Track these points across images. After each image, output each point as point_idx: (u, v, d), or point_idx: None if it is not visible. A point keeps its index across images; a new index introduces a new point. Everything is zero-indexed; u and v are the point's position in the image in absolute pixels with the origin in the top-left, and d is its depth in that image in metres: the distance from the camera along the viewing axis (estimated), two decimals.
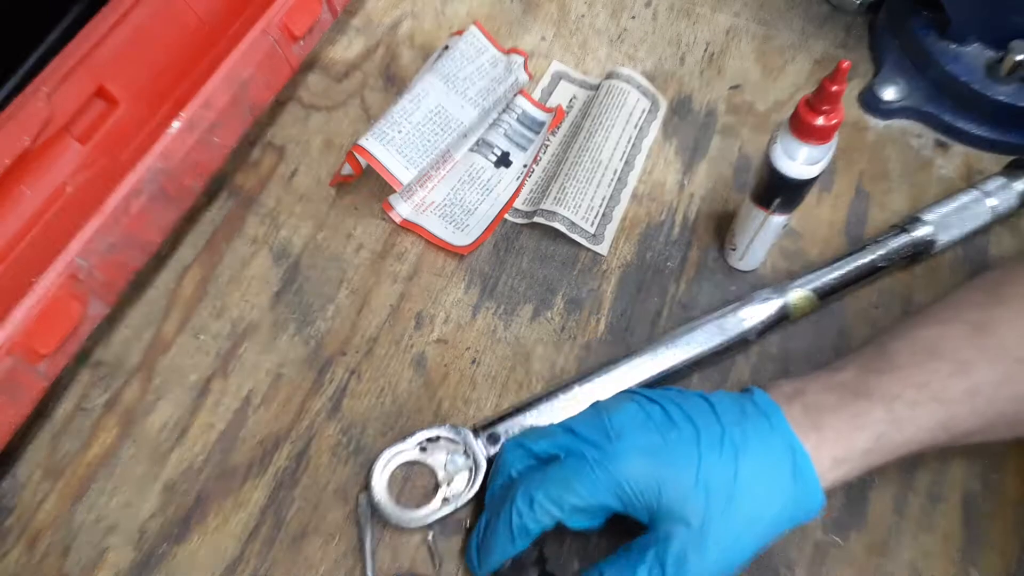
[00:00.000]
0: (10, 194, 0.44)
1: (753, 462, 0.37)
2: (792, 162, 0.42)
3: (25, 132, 0.43)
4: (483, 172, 0.56)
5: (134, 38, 0.47)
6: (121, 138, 0.49)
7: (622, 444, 0.38)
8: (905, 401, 0.38)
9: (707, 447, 0.37)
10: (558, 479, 0.39)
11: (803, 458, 0.37)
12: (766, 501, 0.37)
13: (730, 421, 0.38)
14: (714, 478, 0.37)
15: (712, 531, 0.36)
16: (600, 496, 0.38)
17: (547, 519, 0.39)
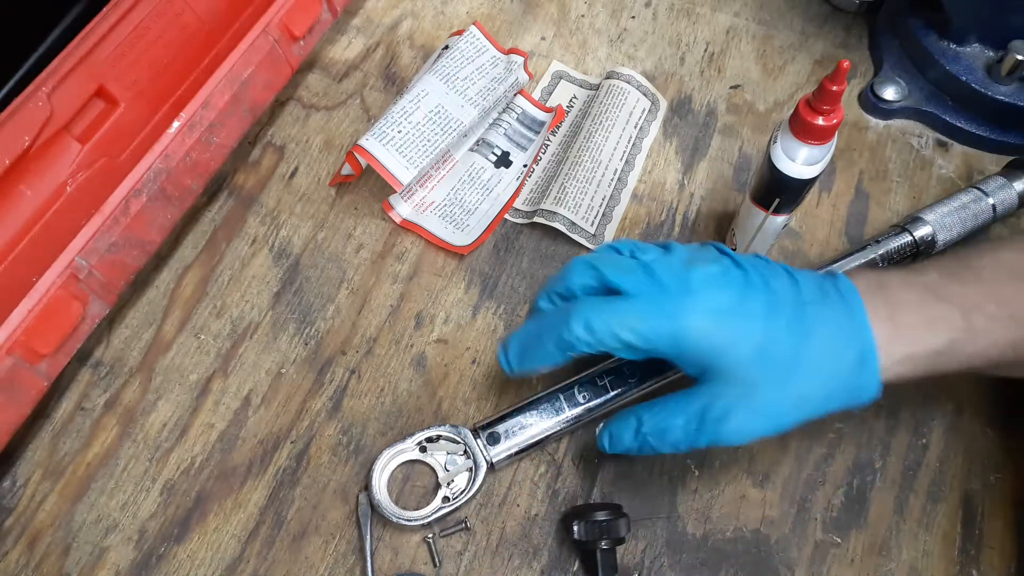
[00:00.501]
0: (10, 194, 0.44)
1: (819, 345, 0.37)
2: (792, 162, 0.42)
3: (25, 132, 0.43)
4: (483, 172, 0.56)
5: (134, 38, 0.47)
6: (121, 138, 0.49)
7: (695, 298, 0.37)
8: (985, 314, 0.38)
9: (777, 322, 0.37)
10: (621, 312, 0.38)
11: (871, 350, 0.37)
12: (822, 384, 0.37)
13: (808, 299, 0.38)
14: (775, 354, 0.37)
15: (760, 401, 0.37)
16: (658, 342, 0.37)
17: (598, 346, 0.38)
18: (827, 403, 0.37)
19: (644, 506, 0.46)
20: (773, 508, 0.46)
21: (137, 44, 0.48)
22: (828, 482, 0.46)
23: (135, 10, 0.47)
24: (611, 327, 0.38)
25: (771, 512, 0.46)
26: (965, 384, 0.49)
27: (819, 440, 0.47)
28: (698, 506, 0.46)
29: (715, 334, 0.37)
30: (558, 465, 0.47)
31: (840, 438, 0.48)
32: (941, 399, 0.48)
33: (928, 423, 0.48)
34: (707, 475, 0.47)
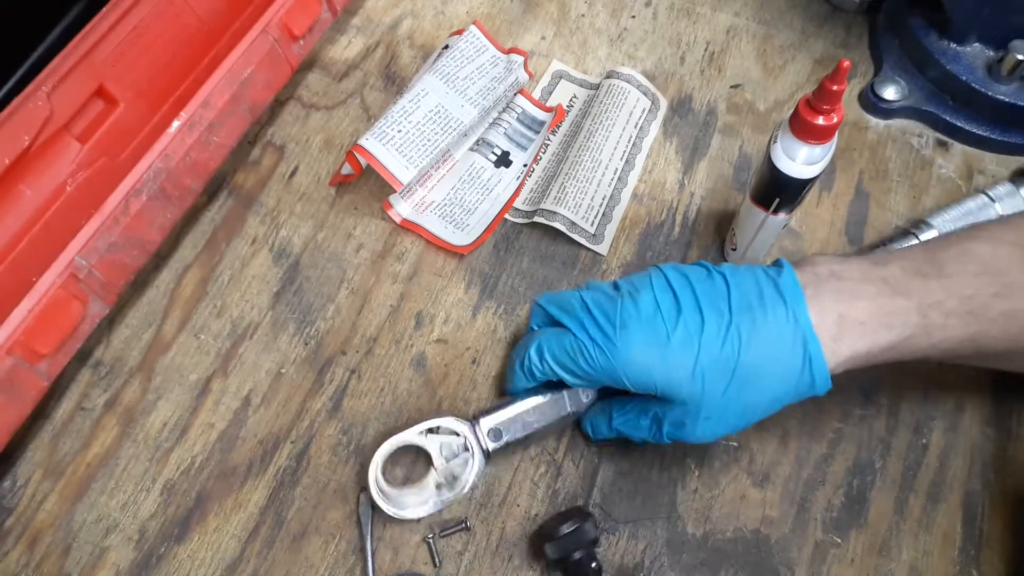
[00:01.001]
0: (10, 194, 0.44)
1: (758, 354, 0.38)
2: (792, 162, 0.42)
3: (25, 132, 0.43)
4: (483, 172, 0.56)
5: (134, 38, 0.47)
6: (121, 138, 0.49)
7: (625, 336, 0.39)
8: (943, 310, 0.38)
9: (708, 340, 0.38)
10: (565, 350, 0.42)
11: (815, 351, 0.37)
12: (767, 388, 0.38)
13: (742, 308, 0.39)
14: (712, 371, 0.38)
15: (707, 412, 0.39)
16: (600, 377, 0.41)
17: (553, 376, 0.43)
18: (776, 403, 0.39)
19: (644, 506, 0.46)
20: (773, 508, 0.46)
21: (137, 44, 0.48)
22: (828, 482, 0.46)
23: (135, 10, 0.47)
24: (558, 359, 0.42)
25: (771, 512, 0.46)
26: (965, 384, 0.49)
27: (819, 440, 0.48)
28: (698, 506, 0.46)
29: (650, 365, 0.39)
30: (558, 465, 0.47)
31: (840, 438, 0.48)
32: (941, 399, 0.48)
33: (928, 423, 0.48)
34: (707, 475, 0.47)
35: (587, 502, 0.46)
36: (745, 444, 0.47)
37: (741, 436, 0.47)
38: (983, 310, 0.38)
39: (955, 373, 0.49)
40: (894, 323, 0.38)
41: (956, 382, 0.49)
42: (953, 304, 0.38)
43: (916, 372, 0.49)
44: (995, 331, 0.38)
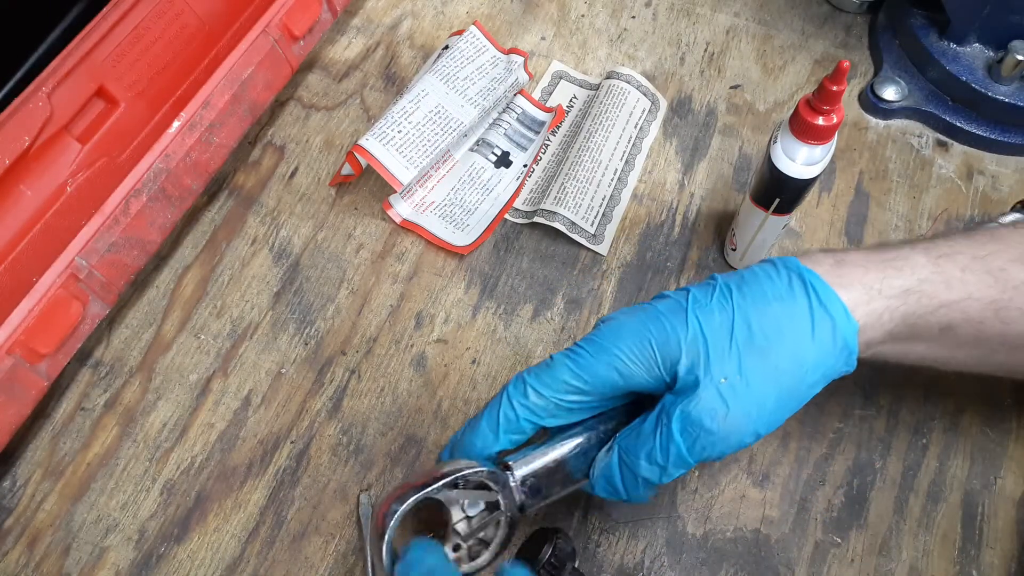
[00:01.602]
0: (10, 194, 0.44)
1: (752, 294, 0.35)
2: (792, 162, 0.42)
3: (25, 132, 0.43)
4: (483, 172, 0.56)
5: (134, 38, 0.47)
6: (121, 138, 0.49)
7: (611, 322, 0.37)
8: (955, 262, 0.35)
9: (696, 300, 0.36)
10: (549, 364, 0.37)
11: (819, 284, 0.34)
12: (776, 334, 0.34)
13: (724, 277, 0.37)
14: (710, 322, 0.35)
15: (716, 374, 0.34)
16: (597, 369, 0.36)
17: (537, 404, 0.37)
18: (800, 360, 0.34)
19: (644, 506, 0.46)
20: (773, 508, 0.46)
21: (137, 44, 0.48)
22: (828, 482, 0.46)
23: (135, 10, 0.47)
24: (542, 377, 0.37)
25: (771, 512, 0.46)
26: (965, 384, 0.49)
27: (819, 440, 0.47)
28: (698, 506, 0.46)
29: (643, 332, 0.35)
30: None
31: (840, 438, 0.48)
32: (941, 399, 0.48)
33: (928, 423, 0.48)
34: (707, 475, 0.47)
35: (587, 502, 0.46)
36: None
37: None
38: (1002, 274, 0.35)
39: (955, 373, 0.48)
40: (902, 266, 0.35)
41: (956, 383, 0.49)
42: (966, 259, 0.35)
43: (917, 372, 0.49)
44: (1019, 301, 0.35)
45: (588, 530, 0.45)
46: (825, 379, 0.35)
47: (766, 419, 0.34)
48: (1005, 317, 0.36)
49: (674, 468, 0.35)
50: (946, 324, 0.36)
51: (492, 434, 0.37)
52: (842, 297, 0.35)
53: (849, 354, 0.35)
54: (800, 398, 0.35)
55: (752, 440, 0.35)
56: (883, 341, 0.36)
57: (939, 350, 0.38)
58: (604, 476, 0.37)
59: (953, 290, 0.35)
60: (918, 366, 0.39)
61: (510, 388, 0.37)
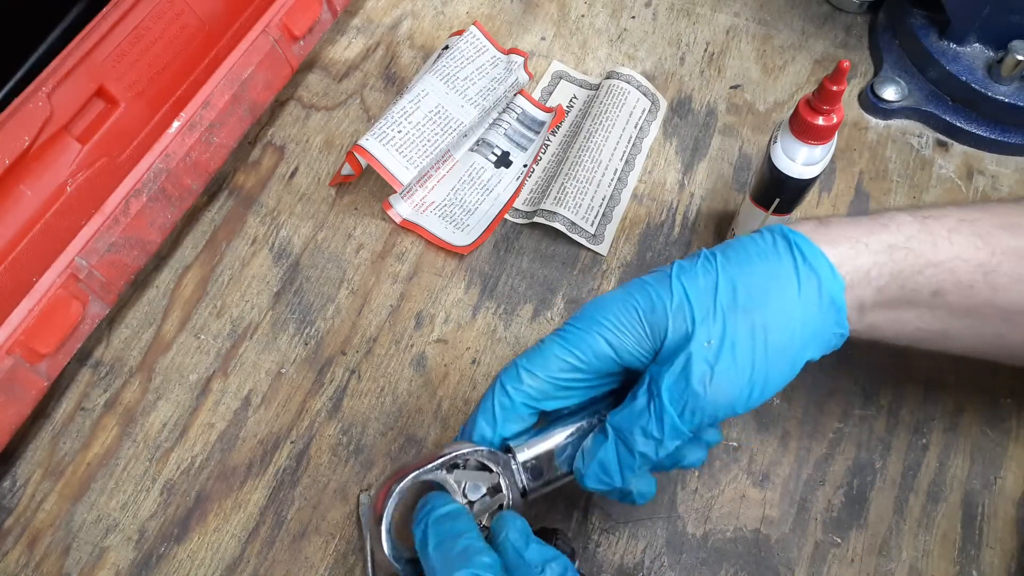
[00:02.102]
0: (10, 194, 0.44)
1: (736, 257, 0.35)
2: (792, 162, 0.42)
3: (25, 132, 0.43)
4: (483, 172, 0.56)
5: (134, 38, 0.47)
6: (121, 138, 0.49)
7: (598, 297, 0.36)
8: (942, 223, 0.35)
9: (681, 267, 0.35)
10: (540, 344, 0.36)
11: (804, 242, 0.34)
12: (761, 293, 0.34)
13: (711, 248, 0.36)
14: (694, 287, 0.34)
15: (701, 337, 0.33)
16: (587, 342, 0.35)
17: (532, 387, 0.36)
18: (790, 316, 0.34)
19: (644, 506, 0.46)
20: (773, 508, 0.46)
21: (137, 44, 0.48)
22: (828, 482, 0.46)
23: (135, 10, 0.47)
24: (534, 359, 0.36)
25: (771, 512, 0.46)
26: (965, 384, 0.49)
27: (819, 440, 0.47)
28: (698, 506, 0.46)
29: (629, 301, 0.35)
30: None
31: (840, 438, 0.48)
32: (941, 399, 0.48)
33: (928, 423, 0.48)
34: (707, 475, 0.47)
35: (587, 502, 0.46)
36: (745, 444, 0.47)
37: (741, 435, 0.47)
38: (989, 237, 0.35)
39: (955, 373, 0.49)
40: (888, 223, 0.35)
41: (956, 382, 0.49)
42: (952, 221, 0.35)
43: (916, 372, 0.49)
44: (1008, 269, 0.35)
45: (588, 530, 0.45)
46: (817, 340, 0.35)
47: (756, 380, 0.34)
48: (994, 283, 0.35)
49: (669, 440, 0.34)
50: (936, 287, 0.35)
51: (488, 426, 0.37)
52: (828, 254, 0.34)
53: (838, 311, 0.34)
54: (792, 360, 0.34)
55: (745, 402, 0.34)
56: (875, 304, 0.36)
57: (933, 320, 0.37)
58: (598, 460, 0.35)
59: (940, 250, 0.35)
60: (916, 348, 0.38)
61: (503, 375, 0.37)
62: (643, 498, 0.37)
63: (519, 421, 0.37)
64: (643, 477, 0.37)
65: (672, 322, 0.34)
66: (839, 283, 0.34)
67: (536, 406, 0.37)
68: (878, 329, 0.37)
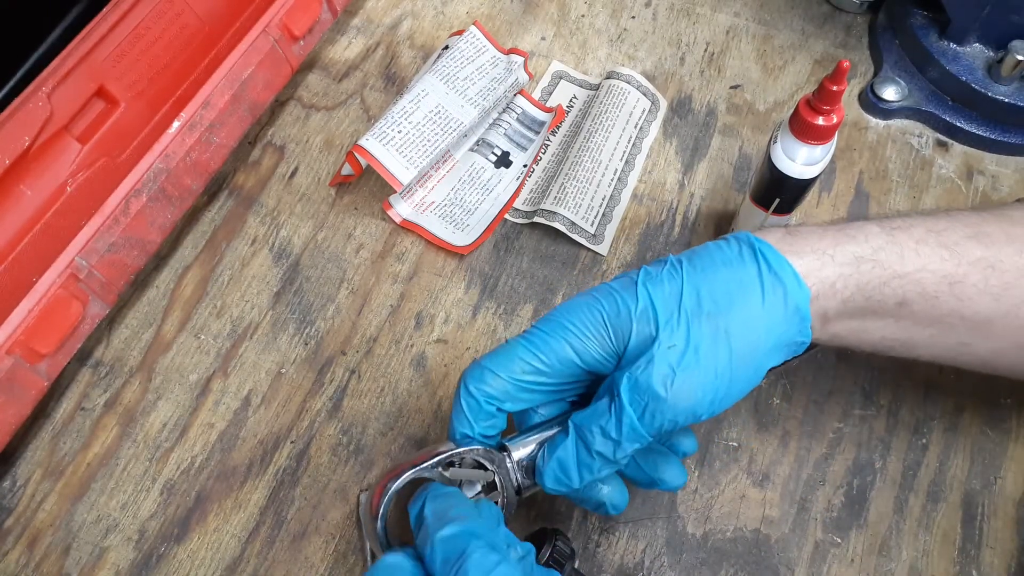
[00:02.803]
0: (10, 194, 0.44)
1: (701, 264, 0.35)
2: (792, 162, 0.42)
3: (25, 132, 0.43)
4: (483, 172, 0.56)
5: (134, 38, 0.47)
6: (121, 138, 0.49)
7: (565, 301, 0.37)
8: (909, 235, 0.35)
9: (647, 273, 0.36)
10: (505, 345, 0.37)
11: (770, 252, 0.34)
12: (725, 300, 0.34)
13: (678, 255, 0.36)
14: (659, 293, 0.34)
15: (664, 341, 0.33)
16: (550, 344, 0.35)
17: (496, 388, 0.36)
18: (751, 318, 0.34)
19: (644, 506, 0.46)
20: (773, 508, 0.46)
21: (137, 44, 0.48)
22: (828, 482, 0.46)
23: (135, 10, 0.47)
24: (496, 360, 0.36)
25: (771, 512, 0.46)
26: (965, 384, 0.49)
27: (819, 440, 0.47)
28: (698, 506, 0.46)
29: (593, 305, 0.35)
30: None
31: (840, 438, 0.48)
32: (941, 399, 0.48)
33: (928, 423, 0.48)
34: (707, 475, 0.47)
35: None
36: (745, 444, 0.47)
37: (741, 435, 0.47)
38: (956, 248, 0.35)
39: (955, 373, 0.49)
40: (855, 235, 0.35)
41: (956, 382, 0.49)
42: (920, 232, 0.35)
43: (916, 371, 0.49)
44: (975, 280, 0.35)
45: (588, 530, 0.45)
46: (780, 348, 0.35)
47: (719, 385, 0.33)
48: (960, 293, 0.35)
49: (628, 441, 0.34)
50: (901, 298, 0.35)
51: (462, 425, 0.37)
52: (794, 264, 0.34)
53: (802, 320, 0.34)
54: (756, 367, 0.34)
55: (707, 407, 0.34)
56: (839, 314, 0.36)
57: (897, 330, 0.37)
58: (557, 458, 0.35)
59: (907, 261, 0.35)
60: (885, 353, 0.39)
61: (466, 374, 0.37)
62: (616, 509, 0.37)
63: (490, 419, 0.37)
64: (616, 488, 0.37)
65: (636, 326, 0.34)
66: (804, 292, 0.34)
67: (500, 406, 0.37)
68: (841, 338, 0.37)
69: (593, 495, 0.37)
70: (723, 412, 0.47)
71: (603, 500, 0.37)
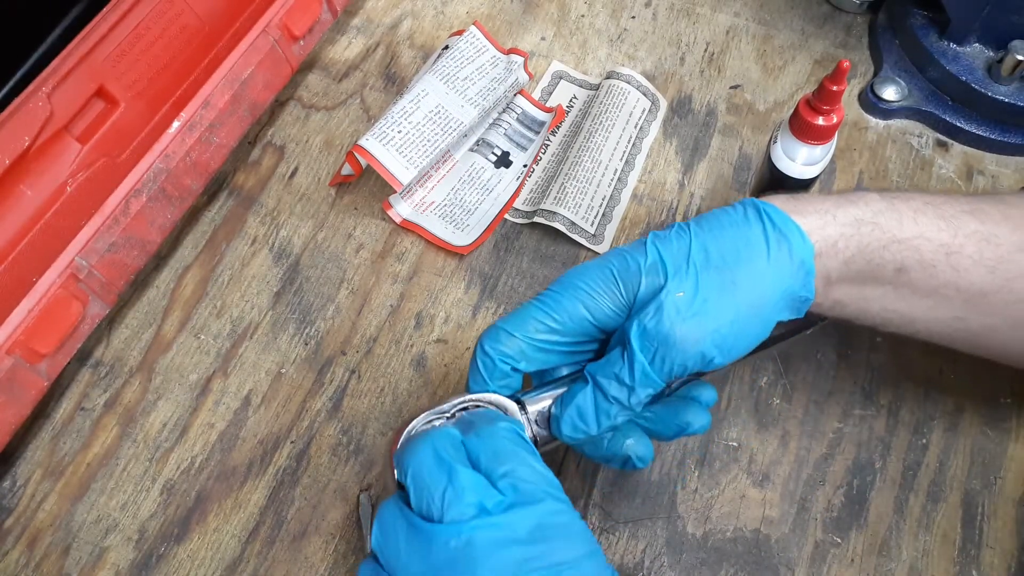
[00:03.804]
0: (10, 194, 0.44)
1: (709, 225, 0.36)
2: (792, 162, 0.42)
3: (25, 132, 0.43)
4: (483, 172, 0.56)
5: (134, 38, 0.47)
6: (121, 138, 0.49)
7: (577, 266, 0.38)
8: (908, 204, 0.36)
9: (656, 235, 0.37)
10: (518, 309, 0.38)
11: (775, 212, 0.35)
12: (733, 255, 0.35)
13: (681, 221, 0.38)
14: (668, 249, 0.36)
15: (673, 289, 0.34)
16: (563, 303, 0.36)
17: (512, 348, 0.37)
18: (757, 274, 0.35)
19: (644, 506, 0.46)
20: (773, 508, 0.46)
21: (137, 44, 0.48)
22: (828, 482, 0.46)
23: (135, 10, 0.47)
24: (510, 321, 0.37)
25: (771, 512, 0.46)
26: (965, 384, 0.49)
27: (819, 440, 0.48)
28: (698, 506, 0.46)
29: (605, 265, 0.36)
30: (558, 465, 0.47)
31: (840, 438, 0.48)
32: (941, 399, 0.48)
33: (928, 423, 0.48)
34: (707, 475, 0.47)
35: (587, 501, 0.46)
36: (745, 444, 0.47)
37: (741, 435, 0.47)
38: (953, 220, 0.36)
39: (955, 373, 0.49)
40: (856, 200, 0.36)
41: (956, 382, 0.49)
42: (919, 203, 0.37)
43: (916, 371, 0.49)
44: (971, 251, 0.36)
45: None
46: (786, 301, 0.35)
47: (726, 331, 0.34)
48: (956, 263, 0.36)
49: (641, 387, 0.35)
50: (900, 263, 0.36)
51: (478, 385, 0.38)
52: (798, 222, 0.35)
53: (807, 274, 0.35)
54: (763, 319, 0.35)
55: (715, 353, 0.34)
56: (841, 277, 0.37)
57: (896, 299, 0.38)
58: (575, 405, 0.36)
59: (905, 228, 0.36)
60: (884, 328, 0.39)
61: (483, 336, 0.38)
62: (642, 462, 0.38)
63: (505, 378, 0.38)
64: (640, 439, 0.38)
65: (645, 279, 0.35)
66: (808, 247, 0.35)
67: (515, 365, 0.37)
68: (843, 305, 0.38)
69: (617, 450, 0.38)
70: (723, 413, 0.47)
71: (628, 454, 0.38)
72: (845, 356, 0.50)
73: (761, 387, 0.49)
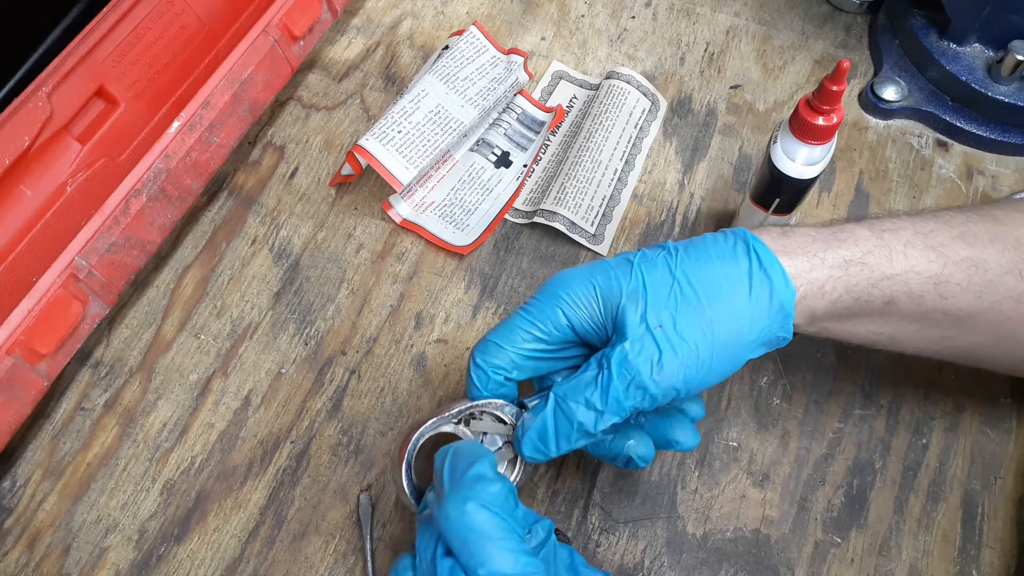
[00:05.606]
0: (10, 194, 0.44)
1: (696, 254, 0.36)
2: (792, 162, 0.42)
3: (25, 132, 0.43)
4: (483, 172, 0.56)
5: (134, 38, 0.47)
6: (121, 138, 0.49)
7: (561, 272, 0.38)
8: (898, 237, 0.36)
9: (644, 256, 0.37)
10: (506, 320, 0.38)
11: (763, 249, 0.35)
12: (714, 290, 0.35)
13: (676, 242, 0.38)
14: (652, 275, 0.36)
15: (652, 321, 0.35)
16: (547, 314, 0.37)
17: (502, 360, 0.37)
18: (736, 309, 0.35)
19: (644, 506, 0.46)
20: (773, 508, 0.46)
21: (137, 44, 0.48)
22: (828, 482, 0.46)
23: (135, 10, 0.47)
24: (499, 333, 0.38)
25: (771, 512, 0.46)
26: (965, 384, 0.49)
27: (819, 440, 0.48)
28: (698, 506, 0.46)
29: (588, 278, 0.37)
30: (558, 465, 0.47)
31: (840, 438, 0.48)
32: (941, 399, 0.48)
33: (928, 423, 0.48)
34: (707, 475, 0.47)
35: (587, 501, 0.46)
36: (745, 444, 0.47)
37: (741, 435, 0.47)
38: (944, 249, 0.37)
39: (955, 373, 0.49)
40: (846, 238, 0.37)
41: (956, 382, 0.49)
42: (907, 235, 0.37)
43: (916, 371, 0.49)
44: (960, 279, 0.36)
45: (588, 530, 0.45)
46: (762, 341, 0.36)
47: (698, 369, 0.35)
48: (944, 291, 0.37)
49: (610, 413, 0.35)
50: (889, 297, 0.37)
51: (474, 399, 0.39)
52: (785, 264, 0.36)
53: (785, 317, 0.36)
54: (737, 356, 0.36)
55: (683, 387, 0.35)
56: (828, 314, 0.37)
57: (884, 326, 0.38)
58: (536, 429, 0.36)
59: (895, 263, 0.36)
60: (871, 346, 0.40)
61: (475, 349, 0.38)
62: (644, 461, 0.38)
63: (499, 387, 0.38)
64: (641, 439, 0.38)
65: (626, 302, 0.36)
66: (791, 291, 0.35)
67: (508, 375, 0.38)
68: (829, 332, 0.39)
69: (619, 450, 0.38)
70: (723, 413, 0.48)
71: (629, 454, 0.38)
72: (845, 356, 0.50)
73: (761, 387, 0.49)
